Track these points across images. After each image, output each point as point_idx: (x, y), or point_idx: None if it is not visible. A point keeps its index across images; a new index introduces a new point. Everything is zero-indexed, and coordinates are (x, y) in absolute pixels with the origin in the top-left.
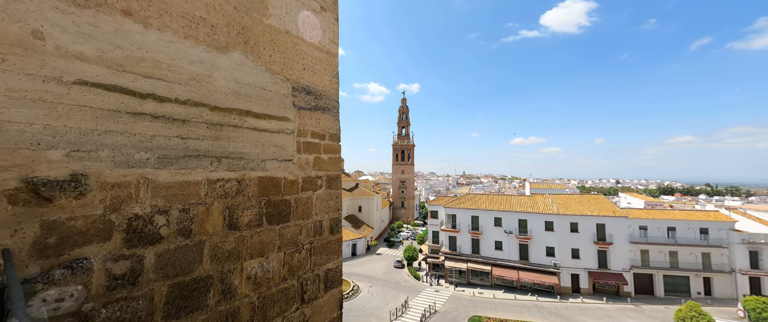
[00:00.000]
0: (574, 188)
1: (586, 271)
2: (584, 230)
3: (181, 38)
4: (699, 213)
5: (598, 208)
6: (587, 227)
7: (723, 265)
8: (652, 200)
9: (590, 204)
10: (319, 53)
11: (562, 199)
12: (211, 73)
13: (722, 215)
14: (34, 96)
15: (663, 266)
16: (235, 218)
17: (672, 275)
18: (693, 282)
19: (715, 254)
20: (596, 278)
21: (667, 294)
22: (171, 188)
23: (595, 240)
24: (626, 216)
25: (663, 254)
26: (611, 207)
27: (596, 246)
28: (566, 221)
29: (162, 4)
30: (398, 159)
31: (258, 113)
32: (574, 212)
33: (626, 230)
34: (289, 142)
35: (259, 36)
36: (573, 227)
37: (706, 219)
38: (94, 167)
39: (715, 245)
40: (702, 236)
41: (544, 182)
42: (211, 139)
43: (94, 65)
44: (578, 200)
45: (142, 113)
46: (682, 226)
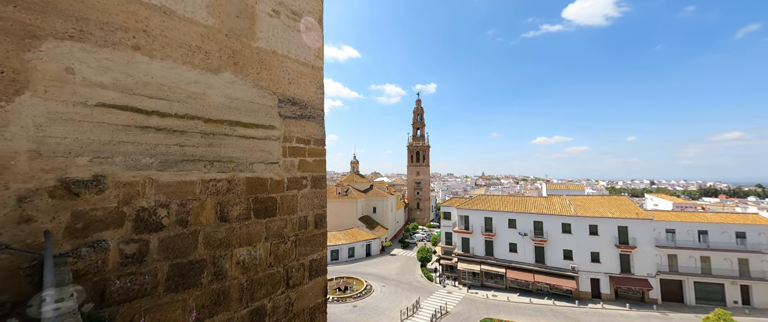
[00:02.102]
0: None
1: (607, 275)
2: (604, 232)
3: (179, 64)
4: (734, 216)
5: (619, 210)
6: (608, 229)
7: (764, 272)
8: (682, 202)
9: (611, 206)
10: (305, 68)
11: (581, 200)
12: (205, 91)
13: (762, 218)
14: (67, 117)
15: (694, 272)
16: (226, 212)
17: (704, 282)
18: (728, 290)
19: (754, 261)
20: (618, 283)
21: (698, 302)
22: (171, 186)
23: (616, 243)
24: (651, 218)
25: (693, 260)
26: (634, 209)
27: (618, 250)
28: (585, 223)
29: (164, 39)
30: (413, 160)
31: (246, 123)
32: (593, 214)
33: (651, 233)
34: (275, 148)
35: (247, 57)
36: (592, 230)
37: (744, 222)
38: (111, 169)
39: (755, 251)
40: (739, 240)
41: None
42: (205, 146)
43: (110, 91)
44: (598, 201)
45: (148, 127)
46: (716, 229)
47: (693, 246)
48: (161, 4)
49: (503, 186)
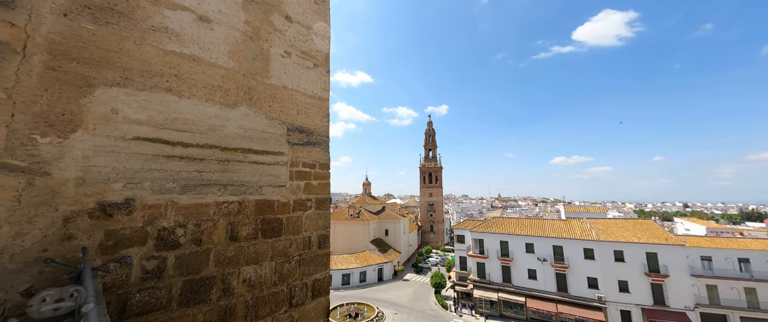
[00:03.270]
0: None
1: (638, 307)
2: (632, 259)
3: (203, 102)
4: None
5: (646, 234)
6: (635, 256)
7: None
8: (716, 226)
9: (636, 230)
10: (312, 100)
11: (603, 224)
12: (223, 123)
13: None
14: (108, 149)
15: (739, 305)
16: (236, 232)
17: (752, 318)
18: None
19: None
20: (652, 316)
21: None
22: (189, 208)
23: (646, 271)
24: (683, 244)
25: (736, 291)
26: (663, 234)
27: (648, 278)
28: (609, 249)
29: (191, 81)
30: (426, 182)
31: (258, 150)
32: (617, 239)
33: (684, 260)
34: (283, 172)
35: (261, 93)
36: (618, 256)
37: None
38: (139, 193)
39: None
40: None
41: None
42: (220, 172)
43: (145, 126)
44: (621, 225)
45: (173, 156)
46: (759, 258)
47: (734, 276)
48: (191, 52)
49: (521, 208)
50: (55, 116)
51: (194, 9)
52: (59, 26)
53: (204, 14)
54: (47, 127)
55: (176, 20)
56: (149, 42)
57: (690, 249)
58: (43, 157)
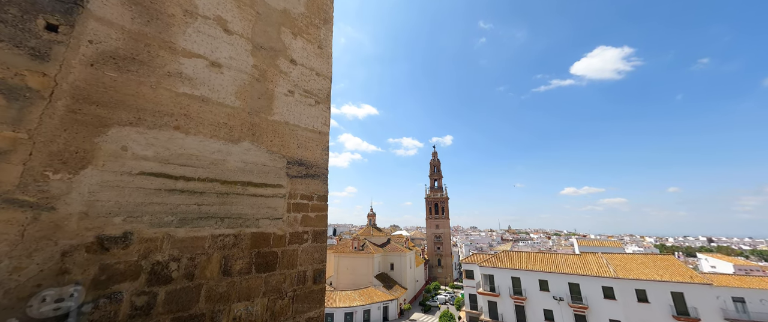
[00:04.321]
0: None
1: None
2: (656, 299)
3: (208, 138)
4: None
5: (669, 272)
6: (659, 296)
7: None
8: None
9: (657, 267)
10: (312, 134)
11: (620, 260)
12: (225, 158)
13: None
14: (114, 184)
15: None
16: (229, 266)
17: None
18: None
19: None
20: None
21: None
22: (185, 241)
23: (674, 314)
24: (710, 283)
25: None
26: (687, 271)
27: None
28: (630, 288)
29: (199, 119)
30: (432, 213)
31: (257, 183)
32: (637, 276)
33: (714, 301)
34: (281, 204)
35: (264, 128)
36: (640, 296)
37: None
38: (138, 227)
39: None
40: None
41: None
42: (219, 205)
43: (151, 162)
44: (640, 261)
45: (175, 189)
46: None
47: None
48: (201, 94)
49: (533, 242)
50: (69, 154)
51: (207, 56)
52: (85, 74)
53: (216, 60)
54: (60, 165)
55: (190, 66)
56: (164, 86)
57: (718, 289)
58: (52, 192)
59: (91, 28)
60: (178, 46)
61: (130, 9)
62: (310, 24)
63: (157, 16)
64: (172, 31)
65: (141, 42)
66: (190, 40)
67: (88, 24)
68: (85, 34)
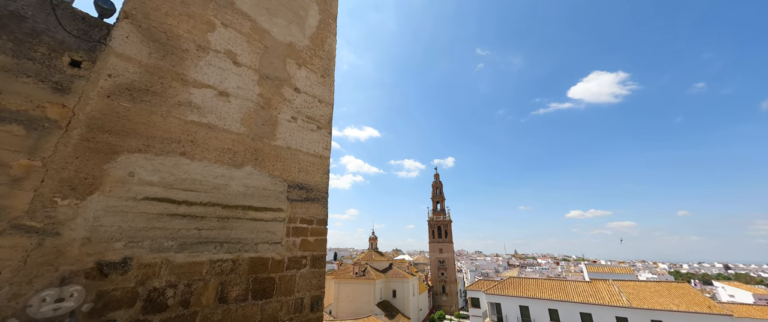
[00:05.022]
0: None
1: None
2: None
3: (212, 163)
4: None
5: (685, 301)
6: None
7: None
8: (765, 293)
9: (672, 296)
10: (313, 158)
11: (632, 287)
12: (228, 182)
13: None
14: (118, 209)
15: None
16: (226, 293)
17: None
18: None
19: None
20: None
21: None
22: (183, 267)
23: None
24: (731, 314)
25: None
26: (705, 300)
27: None
28: (645, 318)
29: (205, 145)
30: (435, 236)
31: (258, 207)
32: (652, 306)
33: None
34: (280, 228)
35: (266, 153)
36: None
37: None
38: (138, 252)
39: None
40: None
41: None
42: (219, 229)
43: (155, 187)
44: (654, 289)
45: (176, 214)
46: None
47: None
48: (209, 121)
49: (541, 267)
50: (78, 180)
51: (216, 86)
52: (101, 105)
53: (224, 90)
54: (69, 191)
55: (200, 96)
56: (174, 114)
57: (739, 321)
58: (58, 218)
59: (111, 63)
60: (189, 78)
61: (148, 45)
62: (314, 55)
63: (173, 51)
64: (185, 65)
65: (156, 74)
66: (201, 72)
67: (109, 60)
68: (105, 68)
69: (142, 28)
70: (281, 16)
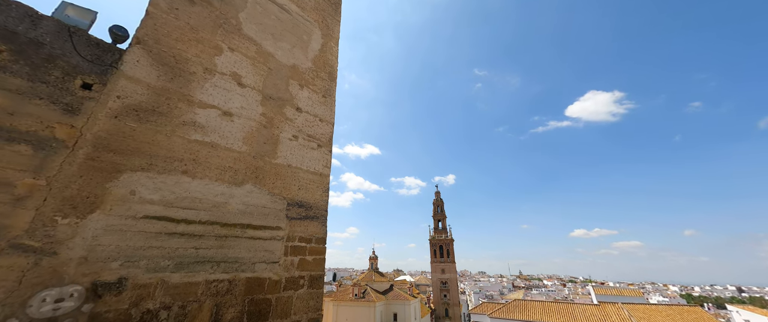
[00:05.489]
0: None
1: None
2: None
3: (213, 181)
4: None
5: None
6: None
7: None
8: None
9: (684, 320)
10: (314, 176)
11: (643, 311)
12: (228, 200)
13: None
14: (117, 228)
15: None
16: (220, 315)
17: None
18: None
19: None
20: None
21: None
22: (178, 287)
23: None
24: None
25: None
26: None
27: None
28: None
29: (207, 164)
30: (437, 256)
31: (256, 225)
32: None
33: None
34: (278, 247)
35: (267, 171)
36: None
37: None
38: (134, 272)
39: None
40: None
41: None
42: (217, 248)
43: (156, 205)
44: (666, 313)
45: (175, 233)
46: None
47: None
48: (212, 140)
49: (548, 289)
50: (80, 199)
51: (221, 106)
52: (108, 125)
53: (228, 110)
54: (71, 209)
55: (204, 116)
56: (178, 134)
57: None
58: (57, 237)
59: (121, 85)
60: (195, 99)
61: (157, 68)
62: (316, 76)
63: (180, 73)
64: (192, 86)
65: (163, 96)
66: (207, 93)
67: (119, 82)
68: (115, 90)
69: (153, 53)
70: (285, 40)
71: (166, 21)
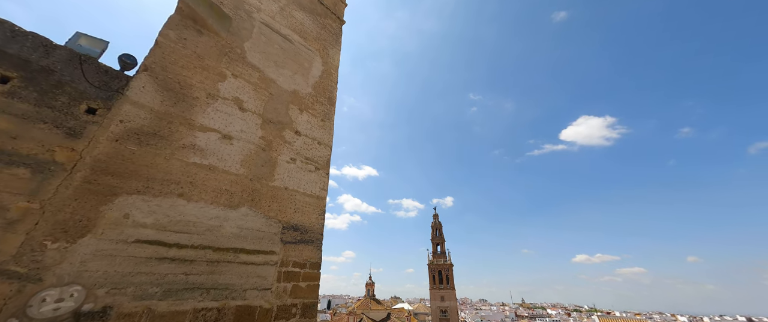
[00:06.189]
0: None
1: None
2: None
3: (208, 204)
4: None
5: None
6: None
7: None
8: None
9: None
10: (310, 199)
11: None
12: (222, 224)
13: None
14: (107, 253)
15: None
16: None
17: None
18: None
19: None
20: None
21: None
22: (164, 316)
23: None
24: None
25: None
26: None
27: None
28: None
29: (203, 186)
30: (435, 281)
31: (250, 250)
32: None
33: None
34: (271, 273)
35: (263, 194)
36: None
37: None
38: (120, 300)
39: None
40: None
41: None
42: (207, 274)
43: (149, 229)
44: None
45: (166, 258)
46: None
47: None
48: (210, 163)
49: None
50: (73, 222)
51: (221, 130)
52: (108, 148)
53: (228, 133)
54: (61, 233)
55: (204, 139)
56: (177, 157)
57: None
58: (45, 262)
59: (125, 110)
60: (196, 122)
61: (161, 94)
62: (316, 101)
63: (184, 98)
64: (194, 111)
65: (165, 120)
66: (209, 117)
67: (124, 107)
68: (119, 115)
69: (159, 79)
70: (287, 67)
71: (174, 50)
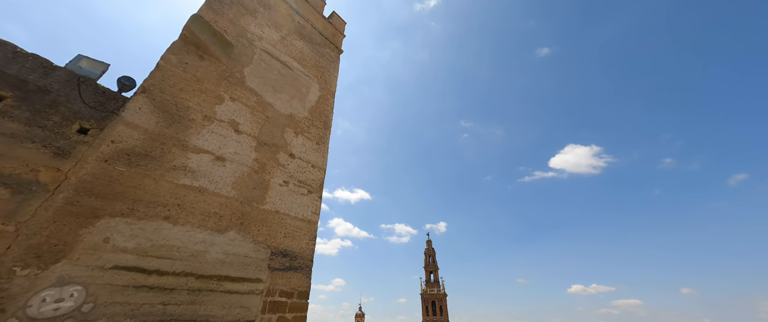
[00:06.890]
0: None
1: None
2: None
3: (195, 228)
4: None
5: None
6: None
7: None
8: None
9: None
10: (301, 223)
11: None
12: (207, 249)
13: None
14: (81, 280)
15: None
16: None
17: None
18: None
19: None
20: None
21: None
22: None
23: None
24: None
25: None
26: None
27: None
28: None
29: (191, 209)
30: (429, 313)
31: (235, 277)
32: None
33: None
34: (256, 303)
35: (253, 217)
36: None
37: None
38: None
39: None
40: None
41: None
42: (187, 304)
43: (129, 254)
44: None
45: (144, 286)
46: None
47: None
48: (200, 185)
49: None
50: (48, 247)
51: (214, 151)
52: (96, 169)
53: (221, 155)
54: (33, 259)
55: (196, 161)
56: (167, 178)
57: None
58: (11, 291)
59: (118, 130)
60: (189, 144)
61: (157, 115)
62: (312, 125)
63: (179, 120)
64: (189, 132)
65: (158, 141)
66: (203, 139)
67: (117, 127)
68: (111, 135)
69: (156, 101)
70: (285, 92)
71: (174, 73)
